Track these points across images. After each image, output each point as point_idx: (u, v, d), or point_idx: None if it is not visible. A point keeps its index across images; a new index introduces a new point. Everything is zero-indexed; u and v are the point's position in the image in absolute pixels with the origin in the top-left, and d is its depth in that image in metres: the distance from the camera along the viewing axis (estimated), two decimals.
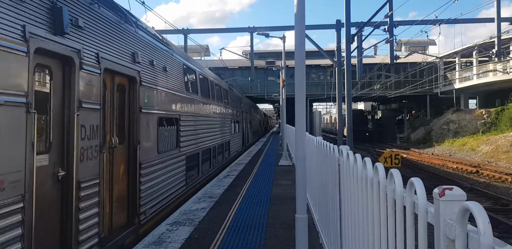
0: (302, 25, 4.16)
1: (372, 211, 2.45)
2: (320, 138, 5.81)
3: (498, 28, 33.72)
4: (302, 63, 4.12)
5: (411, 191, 1.78)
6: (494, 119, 31.10)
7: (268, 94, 44.37)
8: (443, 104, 40.06)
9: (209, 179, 12.64)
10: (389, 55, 42.50)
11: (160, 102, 7.86)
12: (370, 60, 46.30)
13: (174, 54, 9.40)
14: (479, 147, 27.14)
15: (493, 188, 16.28)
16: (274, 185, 10.97)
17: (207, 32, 73.18)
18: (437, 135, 35.54)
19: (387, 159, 11.58)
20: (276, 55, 51.26)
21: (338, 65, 19.21)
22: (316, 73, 50.89)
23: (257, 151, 23.83)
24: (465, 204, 1.27)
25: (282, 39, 19.33)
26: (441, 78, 40.75)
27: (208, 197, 9.22)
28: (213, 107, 14.13)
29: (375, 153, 31.23)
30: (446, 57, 40.71)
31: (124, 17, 6.35)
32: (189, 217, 7.29)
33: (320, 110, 51.72)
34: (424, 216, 1.64)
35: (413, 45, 48.48)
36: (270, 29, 32.71)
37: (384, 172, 2.32)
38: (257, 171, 13.98)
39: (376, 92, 43.35)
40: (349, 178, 3.28)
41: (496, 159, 23.81)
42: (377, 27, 18.50)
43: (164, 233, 6.24)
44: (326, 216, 4.84)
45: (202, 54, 55.38)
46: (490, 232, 1.16)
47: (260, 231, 6.41)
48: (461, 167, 21.60)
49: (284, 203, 8.54)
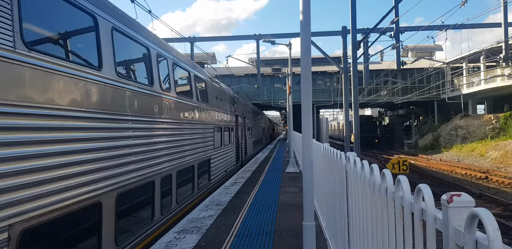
0: (307, 32, 4.17)
1: (380, 218, 2.43)
2: (327, 145, 5.79)
3: (505, 33, 33.66)
4: (308, 70, 4.12)
5: (419, 198, 1.77)
6: (503, 124, 30.86)
7: (274, 101, 44.43)
8: (450, 110, 39.86)
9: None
10: (395, 61, 42.50)
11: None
12: (376, 66, 46.31)
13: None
14: (488, 153, 26.91)
15: (502, 194, 16.11)
16: (281, 192, 10.93)
17: (213, 40, 73.75)
18: (445, 140, 35.32)
19: (395, 165, 11.52)
20: (282, 62, 51.48)
21: (345, 71, 19.21)
22: (323, 79, 50.95)
23: (264, 158, 23.79)
24: (473, 210, 1.25)
25: (288, 46, 19.37)
26: (448, 84, 40.59)
27: (215, 205, 9.20)
28: (173, 107, 8.45)
29: (383, 159, 31.06)
30: (453, 63, 40.57)
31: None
32: (196, 225, 7.27)
33: (327, 117, 51.65)
34: (433, 223, 1.62)
35: (420, 51, 48.43)
36: (276, 37, 32.81)
37: (391, 178, 2.30)
38: (264, 178, 13.94)
39: (383, 98, 43.24)
40: (356, 185, 3.26)
41: (505, 165, 23.58)
42: (383, 33, 18.50)
43: (172, 241, 6.22)
44: (334, 223, 4.80)
45: (208, 62, 55.74)
46: (500, 239, 1.15)
47: (268, 238, 6.37)
48: (470, 173, 21.42)
49: (292, 210, 8.50)
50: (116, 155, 5.59)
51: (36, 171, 3.87)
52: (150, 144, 7.01)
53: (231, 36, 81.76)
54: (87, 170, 4.77)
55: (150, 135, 7.03)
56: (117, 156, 5.64)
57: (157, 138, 7.41)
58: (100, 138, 5.17)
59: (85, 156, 4.77)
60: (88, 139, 4.86)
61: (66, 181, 4.35)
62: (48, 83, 4.15)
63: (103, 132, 5.27)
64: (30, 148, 3.81)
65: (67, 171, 4.38)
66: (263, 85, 49.34)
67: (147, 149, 6.81)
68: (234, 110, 17.67)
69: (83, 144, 4.73)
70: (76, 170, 4.53)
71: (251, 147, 25.64)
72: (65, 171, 4.34)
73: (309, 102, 4.09)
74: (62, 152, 4.30)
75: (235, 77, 48.71)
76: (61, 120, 4.36)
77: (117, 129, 5.74)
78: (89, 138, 4.88)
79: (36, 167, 3.88)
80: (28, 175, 3.76)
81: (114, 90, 5.69)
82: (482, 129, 32.42)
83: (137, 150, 6.36)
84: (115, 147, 5.60)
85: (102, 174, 5.15)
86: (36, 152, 3.89)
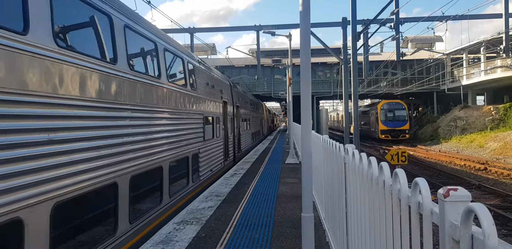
0: (307, 23, 4.14)
1: (378, 210, 2.44)
2: (326, 136, 5.80)
3: (506, 23, 33.47)
4: (308, 61, 4.11)
5: (416, 191, 1.78)
6: (503, 115, 30.87)
7: (274, 92, 44.36)
8: (450, 101, 39.84)
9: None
10: (395, 52, 42.32)
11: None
12: (376, 57, 46.11)
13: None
14: (487, 144, 26.95)
15: (501, 185, 16.17)
16: (281, 183, 10.97)
17: (213, 31, 73.24)
18: (444, 131, 35.34)
19: (394, 156, 11.55)
20: (283, 53, 51.31)
21: (345, 62, 19.15)
22: (323, 71, 50.76)
23: (264, 149, 23.83)
24: (469, 205, 1.26)
25: (288, 38, 19.27)
26: (448, 75, 40.50)
27: (215, 196, 9.24)
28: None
29: (382, 150, 31.11)
30: (453, 54, 40.44)
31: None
32: (196, 216, 7.31)
33: (327, 108, 51.54)
34: (429, 217, 1.63)
35: (420, 42, 48.25)
36: (276, 28, 32.64)
37: (389, 171, 2.31)
38: (264, 169, 13.98)
39: (383, 89, 43.17)
40: (354, 177, 3.27)
41: (504, 156, 23.64)
42: (383, 24, 18.40)
43: (172, 232, 6.26)
44: (333, 214, 4.83)
45: (208, 53, 55.53)
46: (495, 234, 1.15)
47: (267, 229, 6.42)
48: (469, 164, 21.48)
49: (291, 201, 8.54)
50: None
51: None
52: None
53: (231, 27, 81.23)
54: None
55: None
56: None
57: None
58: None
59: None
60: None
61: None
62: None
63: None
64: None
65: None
66: (263, 76, 49.21)
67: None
68: (220, 96, 14.07)
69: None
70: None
71: (246, 141, 22.44)
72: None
73: (308, 94, 4.08)
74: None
75: (235, 68, 48.51)
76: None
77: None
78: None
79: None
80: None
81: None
82: (481, 120, 32.42)
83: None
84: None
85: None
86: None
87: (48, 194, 3.93)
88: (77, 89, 4.63)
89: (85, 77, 4.83)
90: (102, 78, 5.24)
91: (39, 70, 3.93)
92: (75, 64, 4.58)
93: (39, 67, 3.94)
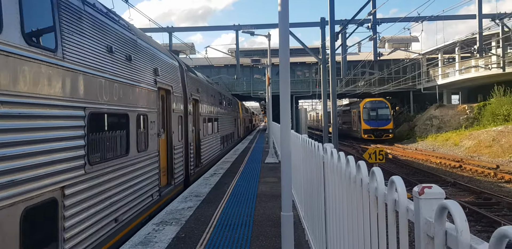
0: (286, 23, 4.17)
1: (356, 208, 2.48)
2: (305, 136, 5.84)
3: (479, 24, 34.20)
4: (287, 60, 4.13)
5: (392, 189, 1.81)
6: (477, 114, 31.60)
7: (254, 92, 44.41)
8: (426, 100, 40.58)
9: None
10: (372, 52, 42.85)
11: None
12: (354, 57, 46.55)
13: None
14: (462, 142, 27.55)
15: (476, 182, 16.55)
16: (261, 183, 10.99)
17: (192, 30, 72.81)
18: (420, 130, 35.98)
19: (372, 155, 11.68)
20: (262, 52, 51.36)
21: (323, 62, 19.31)
22: (302, 70, 51.02)
23: (244, 148, 23.83)
24: (443, 202, 1.29)
25: (267, 37, 19.30)
26: (424, 75, 41.27)
27: (195, 196, 9.20)
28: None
29: (360, 149, 31.48)
30: (429, 54, 41.22)
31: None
32: (175, 217, 7.27)
33: (306, 108, 51.82)
34: (405, 214, 1.67)
35: (396, 42, 48.98)
36: (255, 27, 32.56)
37: (366, 170, 2.35)
38: (244, 169, 13.98)
39: (361, 89, 43.69)
40: (333, 176, 3.31)
41: (478, 154, 24.22)
42: (361, 24, 18.64)
43: (151, 233, 6.21)
44: (312, 213, 4.87)
45: (187, 52, 55.11)
46: (467, 230, 1.19)
47: (247, 229, 6.43)
48: (445, 162, 21.91)
49: (271, 201, 8.57)
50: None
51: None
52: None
53: (210, 27, 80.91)
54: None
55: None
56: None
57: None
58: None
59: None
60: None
61: None
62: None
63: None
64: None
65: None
66: (242, 76, 49.11)
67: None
68: (165, 81, 9.32)
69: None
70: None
71: (215, 146, 18.07)
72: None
73: (287, 93, 4.11)
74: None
75: (215, 67, 48.36)
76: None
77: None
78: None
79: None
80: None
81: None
82: (456, 119, 33.14)
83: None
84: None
85: None
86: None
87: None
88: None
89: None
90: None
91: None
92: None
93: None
